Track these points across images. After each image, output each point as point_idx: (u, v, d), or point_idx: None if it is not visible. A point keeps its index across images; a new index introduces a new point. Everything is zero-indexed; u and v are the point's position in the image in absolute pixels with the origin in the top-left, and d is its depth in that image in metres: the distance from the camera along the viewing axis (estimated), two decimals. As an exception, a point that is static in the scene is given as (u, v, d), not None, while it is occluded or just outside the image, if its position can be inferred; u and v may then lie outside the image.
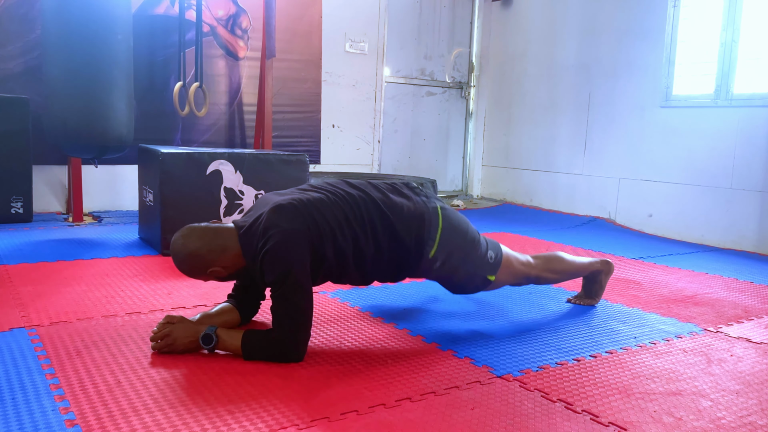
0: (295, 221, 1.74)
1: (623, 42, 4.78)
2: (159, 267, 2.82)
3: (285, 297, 1.70)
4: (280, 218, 1.74)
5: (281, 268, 1.69)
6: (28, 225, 3.73)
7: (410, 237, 1.91)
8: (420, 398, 1.55)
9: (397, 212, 1.91)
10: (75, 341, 1.83)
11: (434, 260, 1.96)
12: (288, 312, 1.70)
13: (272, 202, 1.81)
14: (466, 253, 2.01)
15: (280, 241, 1.70)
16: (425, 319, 2.21)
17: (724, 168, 4.14)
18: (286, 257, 1.70)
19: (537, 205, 5.52)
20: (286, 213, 1.76)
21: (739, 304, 2.65)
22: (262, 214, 1.77)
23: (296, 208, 1.77)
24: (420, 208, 1.96)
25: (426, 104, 5.96)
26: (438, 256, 1.96)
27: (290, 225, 1.73)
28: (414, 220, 1.92)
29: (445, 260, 1.97)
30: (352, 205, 1.87)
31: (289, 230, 1.72)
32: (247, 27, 4.75)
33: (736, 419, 1.54)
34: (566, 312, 2.40)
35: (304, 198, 1.82)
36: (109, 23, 3.17)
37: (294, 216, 1.75)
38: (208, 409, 1.44)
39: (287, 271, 1.69)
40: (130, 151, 3.74)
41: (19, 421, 1.35)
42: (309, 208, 1.79)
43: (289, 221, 1.74)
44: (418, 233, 1.92)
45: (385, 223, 1.88)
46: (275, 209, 1.77)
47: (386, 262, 1.92)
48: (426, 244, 1.94)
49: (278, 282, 1.69)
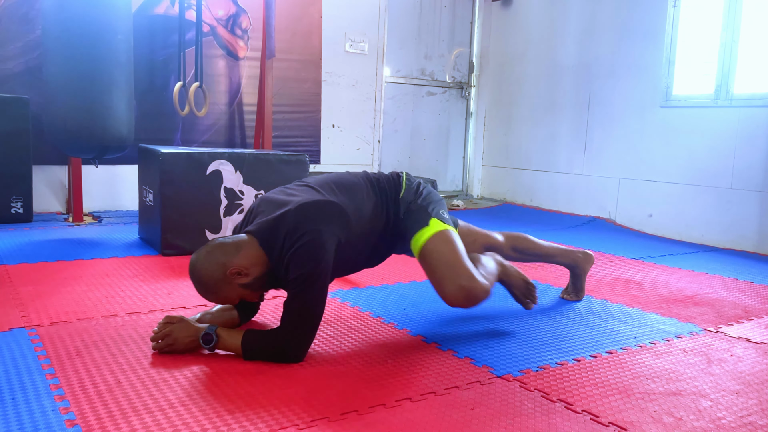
0: (327, 222, 1.75)
1: (623, 42, 4.78)
2: (159, 267, 2.82)
3: (302, 296, 1.69)
4: (312, 218, 1.73)
5: (308, 267, 1.68)
6: (28, 225, 3.73)
7: (391, 185, 2.04)
8: (420, 398, 1.55)
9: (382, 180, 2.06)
10: (75, 341, 1.83)
11: (404, 200, 2.02)
12: (301, 311, 1.70)
13: (294, 201, 1.79)
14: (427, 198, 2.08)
15: (313, 241, 1.69)
16: (425, 319, 2.21)
17: (724, 168, 4.14)
18: (315, 258, 1.69)
19: (537, 205, 5.52)
20: (318, 213, 1.75)
21: (739, 304, 2.65)
22: (287, 213, 1.74)
23: (327, 209, 1.78)
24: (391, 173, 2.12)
25: (426, 104, 5.96)
26: (407, 192, 2.04)
27: (322, 226, 1.73)
28: (389, 181, 2.06)
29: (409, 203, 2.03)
30: (353, 196, 1.92)
31: (322, 231, 1.72)
32: (247, 27, 4.75)
33: (736, 419, 1.54)
34: (566, 312, 2.40)
35: (329, 198, 1.83)
36: (109, 23, 3.17)
37: (327, 217, 1.76)
38: (208, 409, 1.44)
39: (313, 271, 1.68)
40: (130, 151, 3.74)
41: (19, 421, 1.35)
42: (337, 208, 1.81)
43: (321, 222, 1.74)
44: (396, 182, 2.06)
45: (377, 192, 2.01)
46: (305, 208, 1.75)
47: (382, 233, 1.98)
48: (398, 189, 2.05)
49: (300, 280, 1.68)
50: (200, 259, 1.74)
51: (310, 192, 1.87)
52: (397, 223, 2.01)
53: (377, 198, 1.99)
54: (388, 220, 1.99)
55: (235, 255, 1.73)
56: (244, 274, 1.73)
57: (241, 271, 1.72)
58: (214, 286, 1.73)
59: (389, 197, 2.02)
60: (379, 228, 1.97)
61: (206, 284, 1.74)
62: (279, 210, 1.78)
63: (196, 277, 1.75)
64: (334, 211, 1.79)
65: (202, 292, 1.77)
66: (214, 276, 1.72)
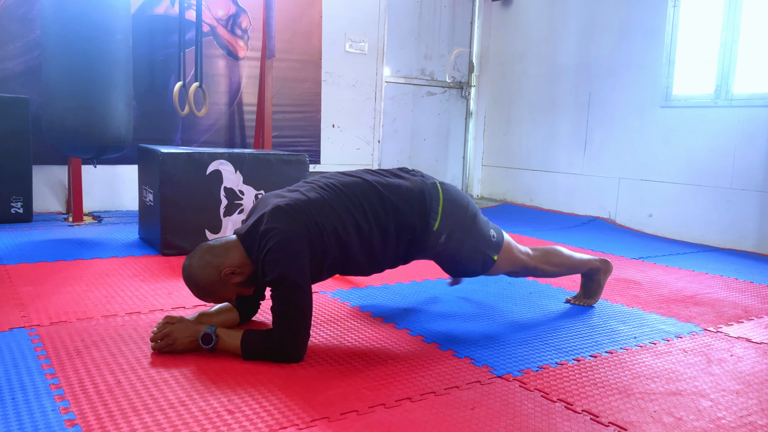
0: (294, 222, 1.75)
1: (623, 42, 4.78)
2: (159, 267, 2.82)
3: (284, 297, 1.70)
4: (279, 219, 1.75)
5: (280, 268, 1.69)
6: (28, 225, 3.73)
7: (413, 213, 1.93)
8: (420, 398, 1.55)
9: (396, 191, 1.93)
10: (75, 341, 1.83)
11: (439, 233, 1.97)
12: (287, 312, 1.71)
13: (271, 204, 1.81)
14: (469, 227, 2.04)
15: (280, 242, 1.70)
16: (425, 319, 2.21)
17: (724, 168, 4.14)
18: (285, 258, 1.70)
19: (537, 205, 5.52)
20: (285, 214, 1.76)
21: (739, 304, 2.65)
22: (264, 215, 1.78)
23: (295, 209, 1.78)
24: (418, 184, 1.99)
25: (426, 104, 5.96)
26: (442, 229, 1.97)
27: (289, 226, 1.74)
28: (414, 196, 1.95)
29: (449, 233, 1.98)
30: (350, 195, 1.89)
31: (288, 231, 1.73)
32: (247, 27, 4.75)
33: (736, 419, 1.54)
34: (566, 312, 2.40)
35: (302, 198, 1.83)
36: (108, 23, 3.17)
37: (293, 217, 1.76)
38: (208, 409, 1.44)
39: (286, 271, 1.70)
40: (130, 151, 3.74)
41: (19, 421, 1.35)
42: (308, 208, 1.80)
43: (288, 222, 1.74)
44: (421, 208, 1.95)
45: (386, 204, 1.90)
46: (274, 210, 1.77)
47: (394, 245, 1.93)
48: (429, 217, 1.95)
49: (277, 282, 1.70)
50: (193, 264, 1.79)
51: (294, 194, 1.87)
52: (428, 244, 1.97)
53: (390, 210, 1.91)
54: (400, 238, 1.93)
55: (225, 256, 1.78)
56: (238, 273, 1.78)
57: (235, 271, 1.78)
58: (210, 287, 1.78)
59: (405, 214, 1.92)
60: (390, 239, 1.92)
61: (203, 287, 1.79)
62: (263, 211, 1.80)
63: (192, 282, 1.79)
64: (301, 213, 1.78)
65: (199, 295, 1.82)
66: (210, 278, 1.77)
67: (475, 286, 2.66)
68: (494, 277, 2.63)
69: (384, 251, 1.93)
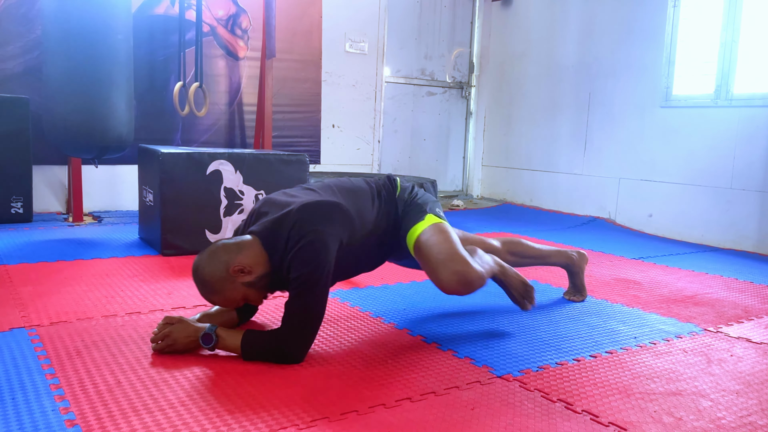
0: (330, 223, 1.75)
1: (623, 42, 4.78)
2: (159, 267, 2.82)
3: (303, 297, 1.69)
4: (315, 218, 1.74)
5: (310, 267, 1.68)
6: (28, 225, 3.73)
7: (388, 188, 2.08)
8: (420, 398, 1.55)
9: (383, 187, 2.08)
10: (75, 341, 1.83)
11: (400, 199, 2.06)
12: (302, 313, 1.70)
13: (300, 201, 1.79)
14: (424, 197, 2.12)
15: (315, 241, 1.69)
16: (425, 319, 2.21)
17: (724, 168, 4.14)
18: (317, 258, 1.69)
19: (537, 205, 5.52)
20: (321, 213, 1.76)
21: (739, 304, 2.65)
22: (290, 212, 1.75)
23: (331, 210, 1.78)
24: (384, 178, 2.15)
25: (426, 104, 5.96)
26: (403, 191, 2.09)
27: (325, 227, 1.73)
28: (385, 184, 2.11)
29: (407, 196, 2.07)
30: (353, 197, 1.93)
31: (325, 232, 1.72)
32: (247, 27, 4.75)
33: (736, 419, 1.54)
34: (566, 312, 2.40)
35: (333, 200, 1.84)
36: (109, 23, 3.17)
37: (330, 218, 1.76)
38: (208, 409, 1.44)
39: (314, 271, 1.68)
40: (130, 151, 3.74)
41: (19, 421, 1.35)
42: (340, 209, 1.81)
43: (324, 222, 1.74)
44: (392, 184, 2.11)
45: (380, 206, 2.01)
46: (309, 208, 1.75)
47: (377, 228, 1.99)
48: (396, 189, 2.09)
49: (302, 280, 1.68)
50: (203, 259, 1.75)
51: (312, 194, 1.87)
52: (397, 223, 2.02)
53: (378, 199, 2.01)
54: (388, 221, 2.01)
55: (237, 253, 1.73)
56: (247, 272, 1.73)
57: (244, 269, 1.72)
58: (217, 284, 1.72)
59: (388, 198, 2.05)
60: (381, 229, 1.98)
61: (210, 284, 1.73)
62: (281, 211, 1.78)
63: (199, 278, 1.74)
64: (337, 212, 1.79)
65: (205, 293, 1.76)
66: (217, 275, 1.71)
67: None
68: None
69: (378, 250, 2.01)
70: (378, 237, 1.98)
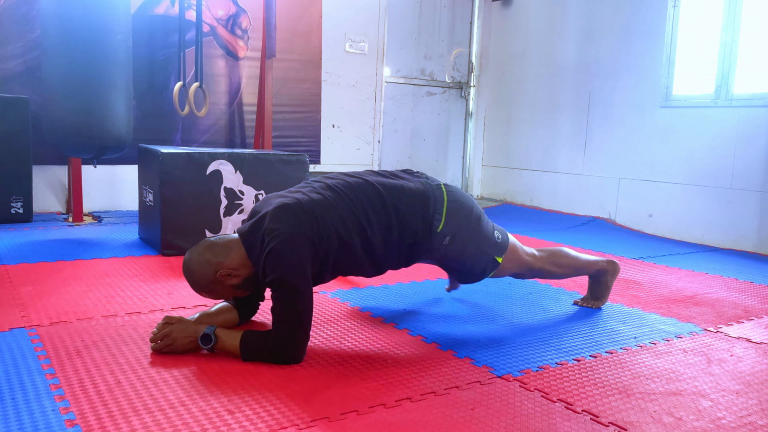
0: (296, 223, 1.75)
1: (623, 42, 4.78)
2: (159, 267, 2.82)
3: (284, 298, 1.70)
4: (281, 220, 1.74)
5: (281, 269, 1.69)
6: (28, 225, 3.73)
7: (416, 215, 1.92)
8: (420, 398, 1.55)
9: (398, 193, 1.93)
10: (75, 341, 1.83)
11: (443, 235, 1.96)
12: (287, 313, 1.70)
13: (274, 204, 1.81)
14: (473, 229, 2.03)
15: (282, 242, 1.70)
16: (425, 320, 2.21)
17: (724, 168, 4.14)
18: (285, 259, 1.70)
19: (537, 205, 5.52)
20: (287, 215, 1.76)
21: (739, 304, 2.65)
22: (266, 214, 1.78)
23: (297, 210, 1.77)
24: (420, 186, 1.99)
25: (426, 104, 5.96)
26: (446, 231, 1.96)
27: (291, 227, 1.73)
28: (417, 197, 1.94)
29: (453, 235, 1.98)
30: (352, 197, 1.88)
31: (290, 232, 1.72)
32: (247, 27, 4.75)
33: (736, 419, 1.54)
34: (566, 312, 2.40)
35: (305, 199, 1.82)
36: (108, 23, 3.17)
37: (295, 218, 1.76)
38: (208, 409, 1.44)
39: (286, 273, 1.69)
40: (130, 151, 3.74)
41: (19, 421, 1.35)
42: (310, 209, 1.79)
43: (290, 223, 1.74)
44: (424, 210, 1.94)
45: (387, 206, 1.90)
46: (277, 211, 1.77)
47: (396, 246, 1.92)
48: (433, 219, 1.95)
49: (277, 283, 1.70)
50: (192, 259, 1.82)
51: (297, 194, 1.86)
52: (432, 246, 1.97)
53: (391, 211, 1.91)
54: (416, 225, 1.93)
55: (225, 257, 1.79)
56: (234, 275, 1.80)
57: (231, 273, 1.80)
58: (206, 285, 1.82)
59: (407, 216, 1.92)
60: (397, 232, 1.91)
61: (199, 284, 1.83)
62: (263, 212, 1.81)
63: (189, 276, 1.83)
64: (305, 213, 1.78)
65: (195, 290, 1.85)
66: (206, 277, 1.80)
67: (475, 286, 2.66)
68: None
69: (386, 253, 1.92)
70: (392, 237, 1.90)
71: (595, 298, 2.48)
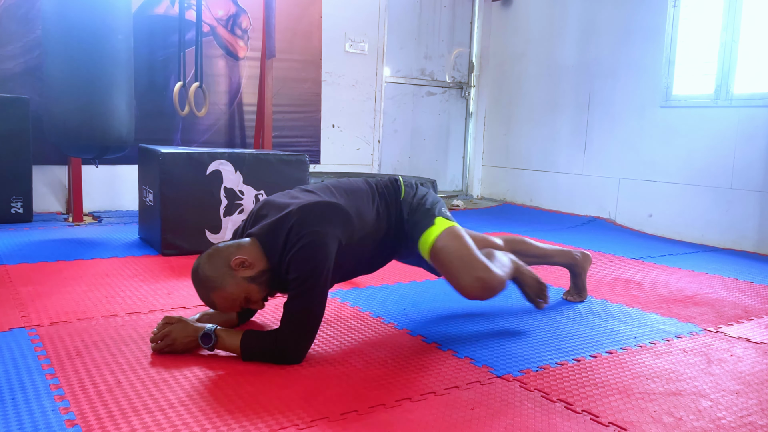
0: (329, 224, 1.75)
1: (623, 42, 4.78)
2: (159, 267, 2.82)
3: (302, 298, 1.69)
4: (314, 219, 1.73)
5: (309, 268, 1.68)
6: (28, 225, 3.73)
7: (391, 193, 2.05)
8: (420, 398, 1.55)
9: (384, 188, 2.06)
10: (75, 341, 1.83)
11: (405, 202, 2.04)
12: (301, 313, 1.70)
13: (298, 203, 1.79)
14: (429, 197, 2.10)
15: (314, 242, 1.69)
16: (425, 319, 2.21)
17: (724, 168, 4.14)
18: (316, 258, 1.69)
19: (537, 205, 5.52)
20: (320, 214, 1.76)
21: (739, 304, 2.65)
22: (289, 213, 1.74)
23: (326, 210, 1.78)
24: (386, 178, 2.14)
25: (426, 104, 5.96)
26: (406, 196, 2.05)
27: (324, 228, 1.73)
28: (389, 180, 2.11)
29: (411, 200, 2.05)
30: (352, 197, 1.93)
31: (323, 233, 1.72)
32: (247, 27, 4.75)
33: (736, 419, 1.54)
34: (566, 312, 2.40)
35: (322, 200, 1.82)
36: (109, 23, 3.17)
37: (328, 218, 1.76)
38: (208, 409, 1.44)
39: (313, 272, 1.68)
40: (130, 151, 3.74)
41: (19, 421, 1.35)
42: (337, 208, 1.81)
43: (323, 223, 1.74)
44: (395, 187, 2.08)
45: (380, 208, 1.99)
46: (307, 209, 1.75)
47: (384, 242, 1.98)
48: (400, 191, 2.07)
49: (300, 281, 1.68)
50: (203, 260, 1.75)
51: (310, 195, 1.87)
52: (401, 225, 2.01)
53: (379, 200, 2.00)
54: (390, 223, 2.00)
55: (237, 249, 1.74)
56: (248, 265, 1.71)
57: (245, 262, 1.70)
58: (218, 280, 1.69)
59: (390, 200, 2.03)
60: (382, 231, 1.97)
61: (211, 279, 1.70)
62: (280, 213, 1.78)
63: (199, 277, 1.72)
64: (336, 213, 1.79)
65: (205, 293, 1.73)
66: (219, 270, 1.69)
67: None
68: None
69: (380, 252, 2.00)
70: (379, 238, 1.97)
71: (577, 291, 2.56)
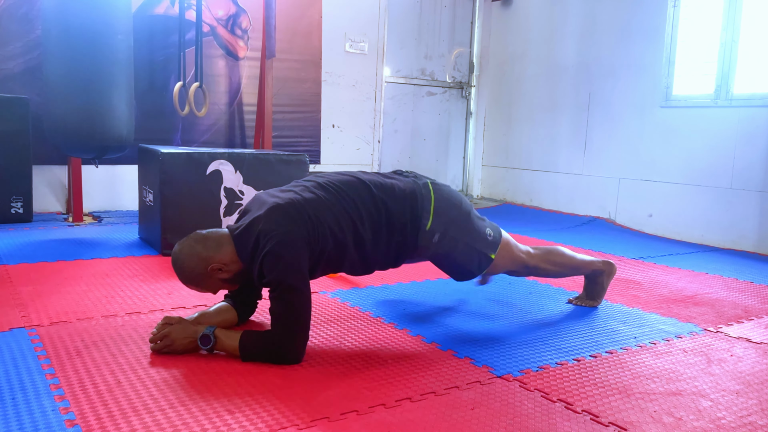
0: (292, 223, 1.75)
1: (623, 42, 4.78)
2: (159, 267, 2.82)
3: (282, 298, 1.70)
4: (277, 220, 1.74)
5: (279, 270, 1.69)
6: (28, 225, 3.73)
7: (404, 213, 1.94)
8: (420, 398, 1.55)
9: (389, 191, 1.95)
10: (75, 341, 1.83)
11: (432, 233, 1.97)
12: (286, 314, 1.70)
13: (268, 204, 1.80)
14: (462, 226, 2.03)
15: (278, 243, 1.70)
16: (425, 319, 2.21)
17: (724, 168, 4.14)
18: (283, 260, 1.70)
19: (537, 205, 5.52)
20: (283, 214, 1.76)
21: (739, 304, 2.65)
22: (260, 216, 1.77)
23: (291, 210, 1.77)
24: (410, 185, 2.01)
25: (426, 104, 5.96)
26: (435, 229, 1.97)
27: (287, 227, 1.73)
28: (406, 195, 1.96)
29: (443, 233, 1.98)
30: (345, 195, 1.88)
31: (287, 232, 1.72)
32: (247, 27, 4.75)
33: (736, 419, 1.54)
34: (566, 312, 2.40)
35: (298, 198, 1.82)
36: (109, 23, 3.17)
37: (291, 217, 1.76)
38: (208, 409, 1.44)
39: (284, 273, 1.69)
40: (130, 151, 3.74)
41: (19, 421, 1.35)
42: (305, 208, 1.79)
43: (286, 223, 1.74)
44: (413, 208, 1.95)
45: (378, 204, 1.91)
46: (272, 210, 1.76)
47: (385, 244, 1.93)
48: (421, 217, 1.96)
49: (275, 283, 1.69)
50: (183, 251, 1.80)
51: (289, 194, 1.86)
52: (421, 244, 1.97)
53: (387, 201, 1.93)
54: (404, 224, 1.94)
55: (216, 251, 1.79)
56: (225, 270, 1.80)
57: (222, 268, 1.79)
58: (196, 278, 1.81)
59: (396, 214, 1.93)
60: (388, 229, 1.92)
61: (188, 276, 1.81)
62: (257, 213, 1.80)
63: (178, 268, 1.82)
64: (298, 213, 1.77)
65: (184, 282, 1.84)
66: (196, 270, 1.79)
67: (475, 286, 2.66)
68: (494, 277, 2.63)
69: (375, 251, 1.92)
70: (382, 235, 1.91)
71: (591, 298, 2.49)
